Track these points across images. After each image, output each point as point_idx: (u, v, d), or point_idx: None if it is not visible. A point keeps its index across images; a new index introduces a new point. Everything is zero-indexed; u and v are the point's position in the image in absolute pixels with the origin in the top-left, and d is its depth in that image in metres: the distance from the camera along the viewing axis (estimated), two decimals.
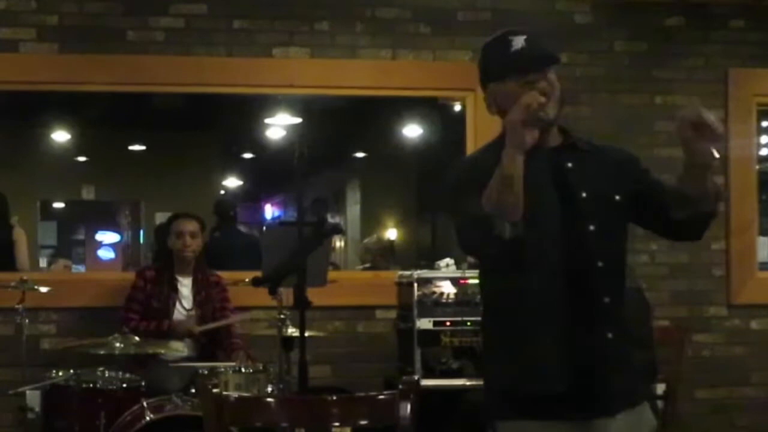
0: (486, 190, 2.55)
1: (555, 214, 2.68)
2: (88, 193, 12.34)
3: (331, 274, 5.28)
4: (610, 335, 2.69)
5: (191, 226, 5.39)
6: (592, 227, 2.71)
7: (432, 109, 8.25)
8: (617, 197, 2.77)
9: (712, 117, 2.50)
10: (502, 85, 2.77)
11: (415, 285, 5.00)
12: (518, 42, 2.74)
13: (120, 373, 4.64)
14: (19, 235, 6.30)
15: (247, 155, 13.64)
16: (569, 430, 2.67)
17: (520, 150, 2.53)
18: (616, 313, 2.72)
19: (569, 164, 2.76)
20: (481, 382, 4.92)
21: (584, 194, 2.73)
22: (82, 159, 12.10)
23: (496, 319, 2.80)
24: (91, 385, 4.52)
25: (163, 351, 4.94)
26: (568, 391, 2.65)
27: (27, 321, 4.85)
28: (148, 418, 4.34)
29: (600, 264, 2.70)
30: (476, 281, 4.99)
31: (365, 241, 9.54)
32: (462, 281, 5.03)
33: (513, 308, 2.72)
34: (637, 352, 2.84)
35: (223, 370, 4.52)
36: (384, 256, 8.60)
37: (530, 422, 2.68)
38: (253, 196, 16.73)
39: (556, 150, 2.78)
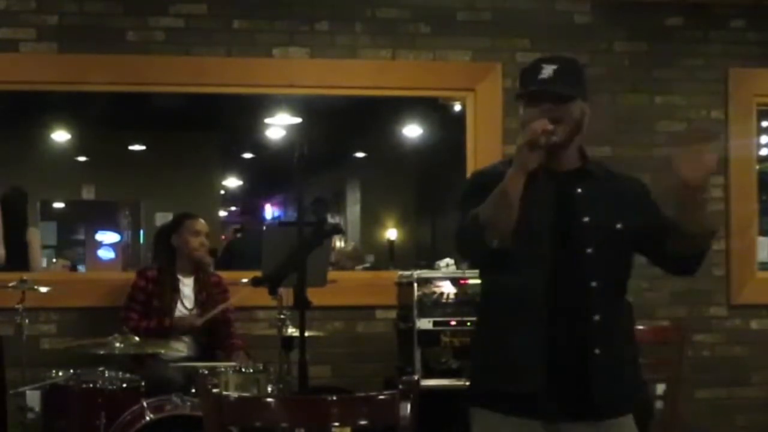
0: (484, 202, 2.73)
1: (546, 232, 2.85)
2: (88, 193, 12.34)
3: (331, 274, 5.27)
4: (597, 351, 2.85)
5: (205, 226, 5.45)
6: (589, 250, 2.87)
7: (432, 109, 8.24)
8: (618, 226, 2.90)
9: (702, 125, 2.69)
10: (525, 109, 2.90)
11: (415, 285, 5.00)
12: (547, 71, 2.88)
13: (120, 373, 4.63)
14: (33, 236, 6.31)
15: (247, 155, 13.66)
16: (536, 428, 2.84)
17: (522, 170, 2.69)
18: (606, 331, 2.88)
19: (579, 189, 2.91)
20: None
21: (586, 219, 2.89)
22: (82, 159, 12.11)
23: (486, 318, 3.02)
24: (91, 385, 4.51)
25: (162, 351, 4.94)
26: (543, 393, 2.82)
27: (27, 321, 4.84)
28: (148, 418, 4.33)
29: (594, 284, 2.86)
30: (476, 281, 5.02)
31: (340, 246, 9.61)
32: (462, 281, 5.03)
33: (502, 311, 2.91)
34: (627, 368, 2.97)
35: (223, 370, 4.52)
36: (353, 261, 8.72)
37: (499, 415, 2.88)
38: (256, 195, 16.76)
39: (569, 174, 2.92)
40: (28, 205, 6.33)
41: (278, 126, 10.01)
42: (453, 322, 4.98)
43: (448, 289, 5.03)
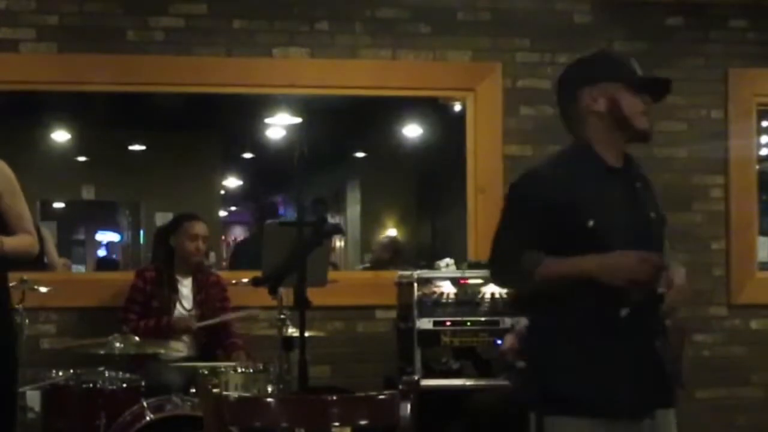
0: (550, 263, 2.69)
1: (630, 233, 2.78)
2: (88, 193, 12.34)
3: (331, 274, 5.27)
4: (657, 343, 2.83)
5: (204, 229, 5.41)
6: (658, 245, 2.83)
7: (432, 109, 8.24)
8: (666, 219, 2.94)
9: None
10: (626, 93, 2.89)
11: (415, 285, 4.99)
12: (638, 67, 2.94)
13: (120, 373, 4.63)
14: (46, 233, 6.38)
15: (247, 155, 13.65)
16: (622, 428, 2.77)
17: (604, 280, 2.66)
18: (662, 323, 2.87)
19: (638, 184, 2.89)
20: (480, 383, 4.99)
21: (653, 215, 2.87)
22: (82, 159, 12.10)
23: (565, 328, 2.83)
24: (91, 385, 4.51)
25: (162, 351, 4.94)
26: (631, 392, 2.77)
27: (27, 321, 4.84)
28: (148, 418, 4.33)
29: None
30: (476, 281, 5.03)
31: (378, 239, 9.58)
32: (462, 281, 5.03)
33: (583, 318, 2.79)
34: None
35: (223, 370, 4.51)
36: (390, 254, 8.62)
37: (586, 421, 2.76)
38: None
39: (624, 169, 2.89)
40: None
41: (278, 126, 10.00)
42: (453, 322, 4.98)
43: (448, 289, 5.02)
